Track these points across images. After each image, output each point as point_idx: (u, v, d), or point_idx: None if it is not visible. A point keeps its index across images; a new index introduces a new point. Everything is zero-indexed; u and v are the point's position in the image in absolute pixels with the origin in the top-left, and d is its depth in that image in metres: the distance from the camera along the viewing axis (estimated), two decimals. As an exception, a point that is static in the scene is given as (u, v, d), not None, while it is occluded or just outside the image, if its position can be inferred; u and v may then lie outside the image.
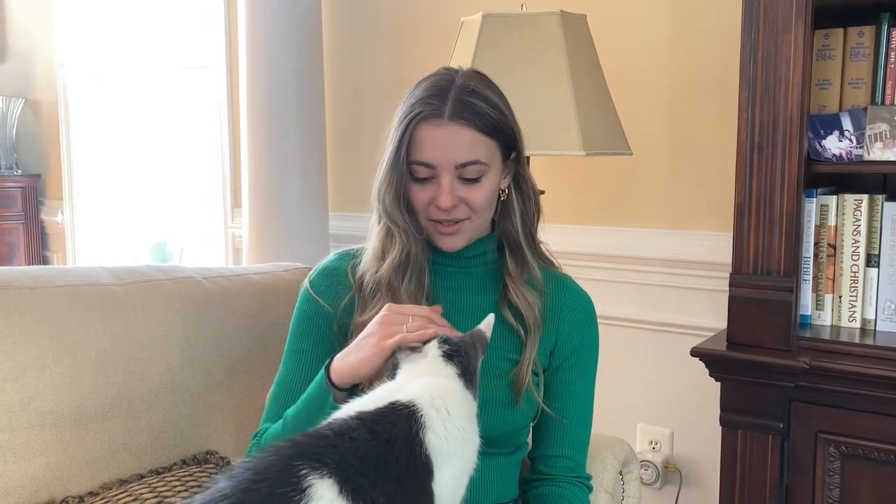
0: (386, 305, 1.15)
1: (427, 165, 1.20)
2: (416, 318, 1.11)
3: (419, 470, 0.93)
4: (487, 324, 1.14)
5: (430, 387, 1.01)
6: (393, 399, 0.98)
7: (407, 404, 0.96)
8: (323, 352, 1.27)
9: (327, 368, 1.16)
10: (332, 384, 1.14)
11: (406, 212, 1.23)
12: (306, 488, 0.84)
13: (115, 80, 3.86)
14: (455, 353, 1.06)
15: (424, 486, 0.93)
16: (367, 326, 1.15)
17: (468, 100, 1.19)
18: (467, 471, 1.00)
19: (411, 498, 0.91)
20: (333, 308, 1.28)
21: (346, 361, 1.14)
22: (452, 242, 1.25)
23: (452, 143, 1.18)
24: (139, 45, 3.70)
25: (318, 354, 1.27)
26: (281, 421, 1.22)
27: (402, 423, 0.94)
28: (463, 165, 1.19)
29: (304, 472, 0.86)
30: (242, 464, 0.90)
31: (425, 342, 1.08)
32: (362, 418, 0.95)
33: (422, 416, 0.96)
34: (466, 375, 1.05)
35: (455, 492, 0.98)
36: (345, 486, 0.86)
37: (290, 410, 1.21)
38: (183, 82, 3.55)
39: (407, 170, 1.20)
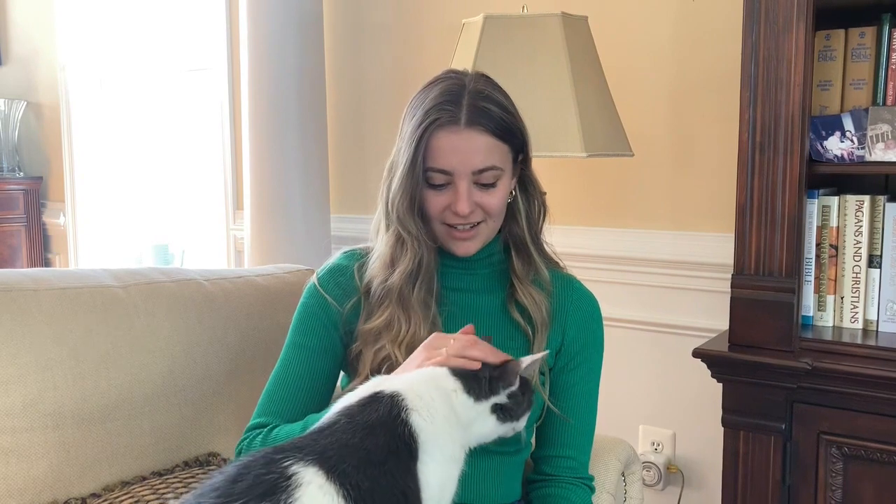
0: (433, 335, 1.15)
1: (444, 172, 1.19)
2: (458, 340, 1.11)
3: (401, 452, 0.95)
4: (531, 357, 1.13)
5: (415, 377, 1.04)
6: (376, 390, 1.01)
7: (389, 392, 1.00)
8: (324, 348, 1.28)
9: None
10: None
11: (419, 219, 1.23)
12: (291, 476, 0.88)
13: (116, 82, 3.86)
14: (462, 373, 1.07)
15: (408, 467, 0.95)
16: (414, 353, 1.15)
17: (483, 105, 1.19)
18: (455, 459, 1.01)
19: (395, 479, 0.93)
20: (340, 307, 1.28)
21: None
22: (467, 248, 1.26)
23: (470, 149, 1.18)
24: (141, 47, 3.70)
25: (318, 350, 1.28)
26: (301, 423, 1.21)
27: (383, 408, 0.97)
28: (480, 171, 1.20)
29: (287, 462, 0.90)
30: (231, 463, 0.94)
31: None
32: (343, 412, 0.99)
33: (403, 399, 0.98)
34: (471, 388, 1.06)
35: (443, 482, 0.98)
36: (330, 472, 0.89)
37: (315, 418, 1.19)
38: (184, 84, 3.55)
39: (423, 177, 1.20)
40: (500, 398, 1.07)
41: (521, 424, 1.10)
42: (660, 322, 2.21)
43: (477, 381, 1.06)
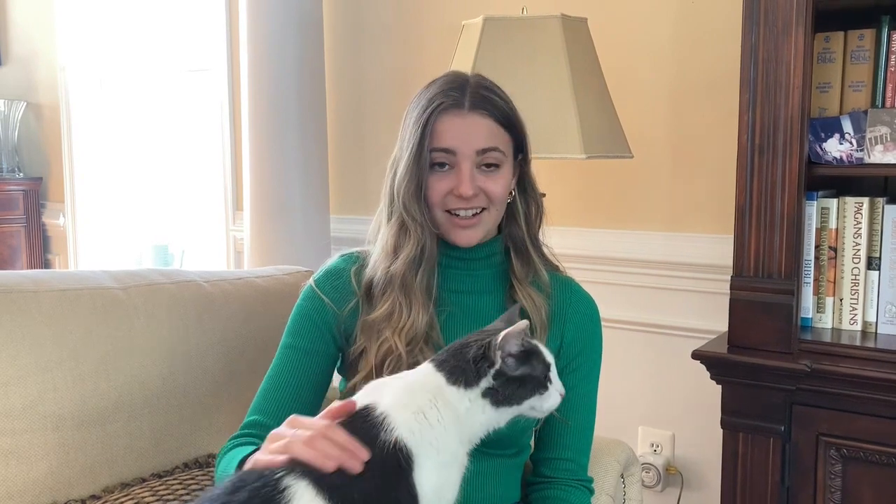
0: (290, 418, 1.04)
1: (448, 152, 1.21)
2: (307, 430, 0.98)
3: (393, 469, 0.94)
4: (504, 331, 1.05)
5: (403, 385, 1.02)
6: (366, 403, 1.00)
7: (376, 410, 0.98)
8: (317, 351, 1.28)
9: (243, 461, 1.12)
10: None
11: (424, 205, 1.24)
12: (284, 489, 0.91)
13: (116, 82, 3.86)
14: (444, 362, 1.03)
15: (401, 480, 0.94)
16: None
17: (486, 93, 1.23)
18: (451, 464, 0.99)
19: (388, 492, 0.93)
20: (338, 309, 1.28)
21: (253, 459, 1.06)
22: (469, 236, 1.26)
23: (473, 130, 1.22)
24: (141, 47, 3.71)
25: (312, 352, 1.28)
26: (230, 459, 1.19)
27: (370, 428, 0.96)
28: (483, 151, 1.22)
29: (279, 475, 0.92)
30: (228, 477, 0.98)
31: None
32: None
33: (387, 418, 0.97)
34: (459, 379, 1.01)
35: (439, 487, 0.97)
36: (320, 486, 0.91)
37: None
38: (184, 85, 3.56)
39: (428, 160, 1.21)
40: (488, 381, 1.01)
41: (546, 404, 1.03)
42: (659, 323, 2.21)
43: (462, 367, 1.02)
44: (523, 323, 1.01)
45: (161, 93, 3.69)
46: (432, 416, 0.98)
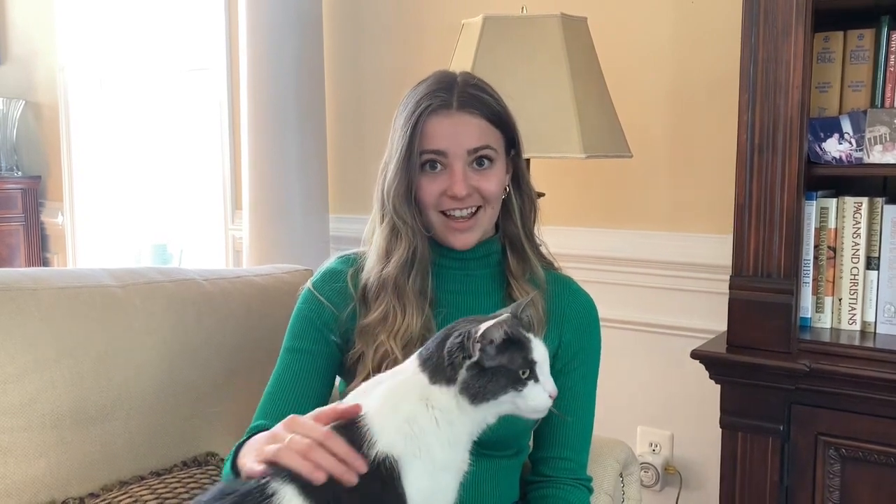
0: (290, 417, 1.02)
1: (439, 153, 1.21)
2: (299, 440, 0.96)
3: (377, 479, 0.93)
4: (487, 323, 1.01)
5: (385, 394, 0.99)
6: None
7: (361, 421, 0.97)
8: (320, 352, 1.28)
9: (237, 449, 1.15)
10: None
11: (415, 208, 1.23)
12: (272, 494, 0.92)
13: (116, 82, 3.86)
14: (427, 359, 1.00)
15: (389, 486, 0.94)
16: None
17: (473, 91, 1.23)
18: (445, 469, 0.98)
19: (376, 496, 0.93)
20: (337, 310, 1.28)
21: (242, 461, 1.10)
22: (465, 239, 1.26)
23: (463, 130, 1.21)
24: (140, 47, 3.71)
25: (314, 354, 1.28)
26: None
27: (355, 438, 0.95)
28: (475, 150, 1.22)
29: (265, 480, 0.94)
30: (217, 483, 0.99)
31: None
32: None
33: (369, 430, 0.95)
34: (440, 377, 0.97)
35: (430, 492, 0.96)
36: (306, 491, 0.92)
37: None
38: (184, 84, 3.56)
39: (418, 161, 1.21)
40: (463, 373, 0.95)
41: (529, 403, 0.97)
42: (658, 323, 2.21)
43: (440, 364, 0.97)
44: (504, 316, 0.97)
45: (160, 92, 3.69)
46: (422, 422, 0.96)
